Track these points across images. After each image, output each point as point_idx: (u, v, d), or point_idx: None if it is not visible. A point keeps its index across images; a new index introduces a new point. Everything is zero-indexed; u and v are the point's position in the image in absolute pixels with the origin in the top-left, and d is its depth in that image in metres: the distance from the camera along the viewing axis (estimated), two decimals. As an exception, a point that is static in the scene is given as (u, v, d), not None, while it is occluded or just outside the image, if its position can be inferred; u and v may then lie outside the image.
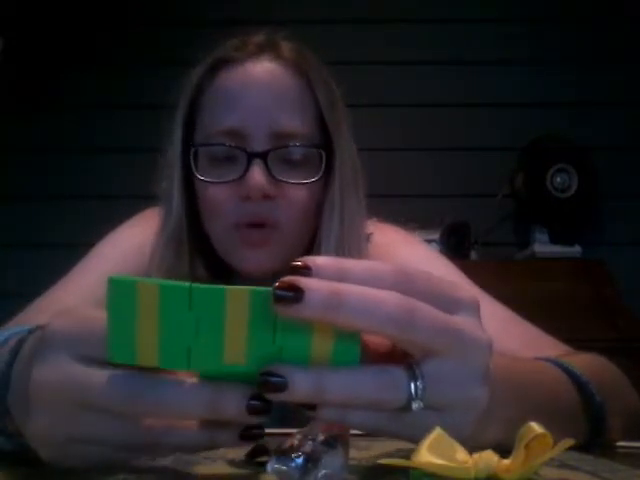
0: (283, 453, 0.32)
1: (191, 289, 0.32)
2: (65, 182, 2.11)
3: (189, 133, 0.77)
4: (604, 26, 2.15)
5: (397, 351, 0.36)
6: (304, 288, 0.32)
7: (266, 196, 0.70)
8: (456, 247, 1.92)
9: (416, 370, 0.35)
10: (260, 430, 0.36)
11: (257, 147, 0.71)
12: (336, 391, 0.33)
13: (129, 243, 0.81)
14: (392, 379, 0.34)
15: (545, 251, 1.94)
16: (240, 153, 0.71)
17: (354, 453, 0.42)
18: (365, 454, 0.43)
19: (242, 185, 0.70)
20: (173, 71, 0.79)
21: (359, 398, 0.34)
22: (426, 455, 0.31)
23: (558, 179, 1.96)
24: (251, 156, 0.71)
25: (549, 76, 2.14)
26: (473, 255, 1.97)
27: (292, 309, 0.32)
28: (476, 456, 0.32)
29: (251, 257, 0.72)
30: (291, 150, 0.72)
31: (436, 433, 0.32)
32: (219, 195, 0.72)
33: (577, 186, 1.96)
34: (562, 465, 0.41)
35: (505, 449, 0.34)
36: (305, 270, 0.33)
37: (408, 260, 0.78)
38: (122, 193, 1.79)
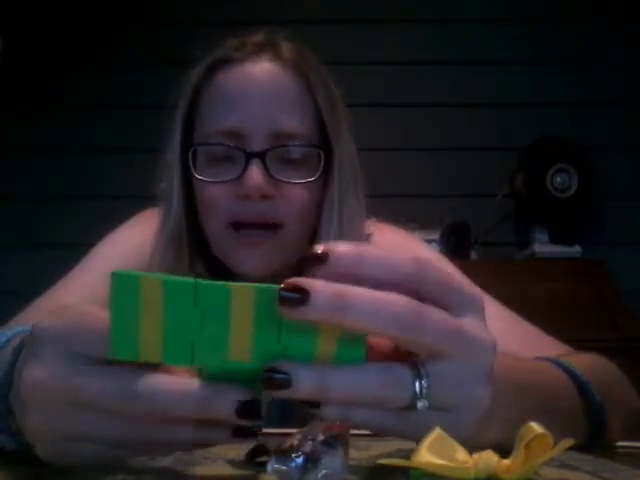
0: (283, 453, 0.32)
1: (197, 285, 0.32)
2: (65, 182, 2.11)
3: (188, 133, 0.76)
4: (604, 26, 2.14)
5: (401, 350, 0.36)
6: (309, 290, 0.31)
7: (264, 196, 0.70)
8: (456, 247, 1.92)
9: (421, 369, 0.34)
10: (254, 427, 0.35)
11: (256, 147, 0.71)
12: (340, 388, 0.33)
13: (129, 243, 0.81)
14: (397, 377, 0.34)
15: (545, 251, 1.94)
16: (239, 153, 0.71)
17: (354, 453, 0.42)
18: (365, 454, 0.43)
19: (240, 184, 0.70)
20: (173, 71, 0.79)
21: (363, 396, 0.34)
22: (426, 455, 0.31)
23: (558, 179, 1.96)
24: (249, 156, 0.70)
25: (549, 76, 2.14)
26: (473, 255, 1.97)
27: (297, 311, 0.31)
28: (476, 456, 0.32)
29: (246, 258, 0.72)
30: (290, 150, 0.72)
31: (436, 433, 0.32)
32: (216, 194, 0.72)
33: (577, 186, 1.96)
34: (562, 465, 0.41)
35: (505, 449, 0.34)
36: (324, 257, 0.33)
37: None
38: (122, 193, 1.78)
